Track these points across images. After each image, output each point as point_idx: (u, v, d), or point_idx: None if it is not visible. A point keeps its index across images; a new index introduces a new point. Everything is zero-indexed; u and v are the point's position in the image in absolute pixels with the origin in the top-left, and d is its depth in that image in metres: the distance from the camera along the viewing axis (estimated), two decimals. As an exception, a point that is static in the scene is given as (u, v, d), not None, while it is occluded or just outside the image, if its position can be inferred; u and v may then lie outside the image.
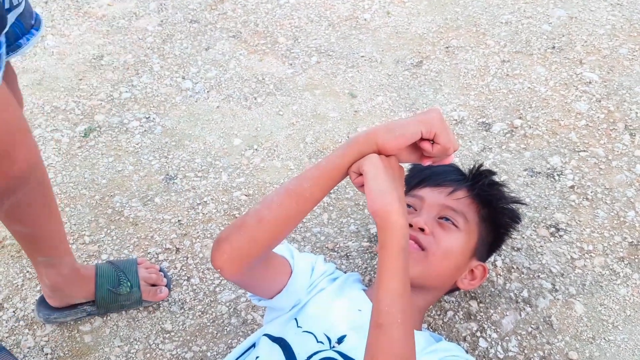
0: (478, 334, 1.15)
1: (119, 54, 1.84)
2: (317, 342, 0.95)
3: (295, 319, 1.00)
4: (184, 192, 1.44)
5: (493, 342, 1.14)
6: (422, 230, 1.02)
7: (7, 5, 0.65)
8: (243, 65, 1.78)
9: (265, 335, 0.99)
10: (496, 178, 1.14)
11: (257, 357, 0.95)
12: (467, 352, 1.11)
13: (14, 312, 1.24)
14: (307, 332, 0.97)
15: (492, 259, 1.23)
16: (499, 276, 1.24)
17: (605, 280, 1.21)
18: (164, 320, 1.21)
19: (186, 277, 1.28)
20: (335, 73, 1.73)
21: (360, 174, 0.83)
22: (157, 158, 1.53)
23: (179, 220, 1.38)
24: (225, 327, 1.19)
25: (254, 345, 1.04)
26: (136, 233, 1.37)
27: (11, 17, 0.77)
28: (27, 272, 1.31)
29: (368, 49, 1.81)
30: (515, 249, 1.28)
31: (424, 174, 1.14)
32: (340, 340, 0.96)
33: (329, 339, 0.96)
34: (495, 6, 1.94)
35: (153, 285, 1.24)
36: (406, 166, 1.05)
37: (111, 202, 1.43)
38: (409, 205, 1.08)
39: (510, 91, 1.65)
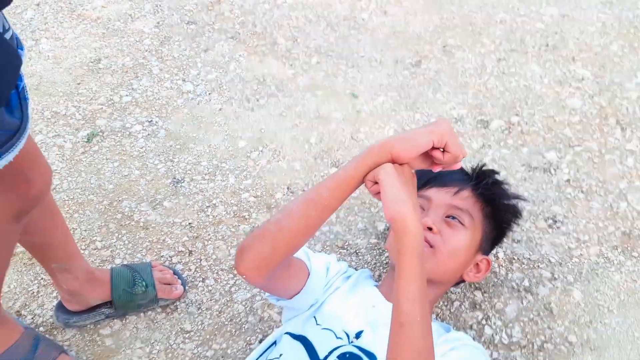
0: (483, 322, 1.28)
1: (116, 57, 1.93)
2: (337, 338, 1.07)
3: (314, 317, 1.12)
4: (192, 195, 1.55)
5: (498, 329, 1.27)
6: (430, 229, 1.14)
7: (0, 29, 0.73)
8: (243, 67, 1.89)
9: (286, 333, 1.11)
10: (498, 177, 1.27)
11: (280, 355, 1.07)
12: (474, 339, 1.24)
13: (32, 318, 1.34)
14: (326, 329, 1.09)
15: (494, 251, 1.36)
16: (501, 267, 1.37)
17: (600, 268, 1.35)
18: (183, 321, 1.32)
19: (201, 279, 1.39)
20: (336, 74, 1.85)
21: (376, 182, 0.93)
22: (163, 162, 1.63)
23: (189, 223, 1.49)
24: (243, 325, 1.31)
25: (274, 343, 1.16)
26: (148, 237, 1.47)
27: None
28: (42, 279, 1.40)
29: (367, 49, 1.93)
30: (516, 241, 1.41)
31: (430, 175, 1.26)
32: (358, 335, 1.08)
33: (347, 334, 1.08)
34: (489, 5, 2.08)
35: (167, 284, 1.34)
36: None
37: (120, 207, 1.53)
38: (417, 206, 1.21)
39: (506, 89, 1.78)
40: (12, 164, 0.77)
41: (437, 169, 1.01)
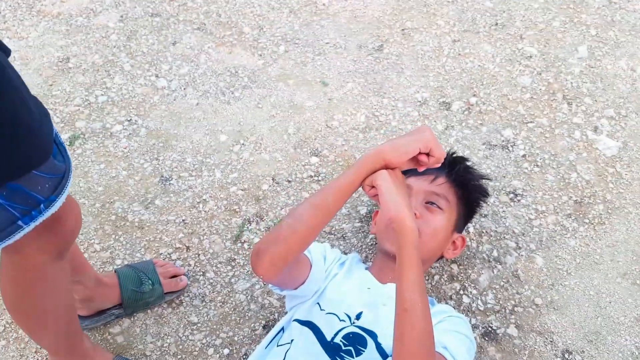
0: (461, 292, 1.40)
1: (84, 55, 1.88)
2: (340, 320, 1.16)
3: (318, 303, 1.20)
4: (182, 192, 1.57)
5: (474, 298, 1.39)
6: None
7: None
8: (214, 59, 1.88)
9: (295, 320, 1.19)
10: (467, 163, 1.37)
11: (292, 340, 1.15)
12: (454, 308, 1.36)
13: (43, 323, 1.36)
14: (330, 313, 1.18)
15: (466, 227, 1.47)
16: (472, 240, 1.48)
17: (557, 235, 1.49)
18: (189, 314, 1.38)
19: (201, 273, 1.44)
20: (305, 62, 1.87)
21: (373, 187, 1.05)
22: (149, 161, 1.63)
23: (183, 220, 1.52)
24: (246, 313, 1.38)
25: (282, 330, 1.23)
26: (144, 236, 1.49)
27: None
28: (47, 284, 1.41)
29: (331, 35, 1.95)
30: (483, 215, 1.53)
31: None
32: (358, 316, 1.18)
33: (348, 316, 1.17)
34: (441, -15, 2.12)
35: (172, 277, 1.39)
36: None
37: (113, 208, 1.54)
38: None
39: (463, 70, 1.86)
40: None
41: (422, 169, 1.13)
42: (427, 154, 1.08)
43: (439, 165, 1.11)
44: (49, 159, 0.76)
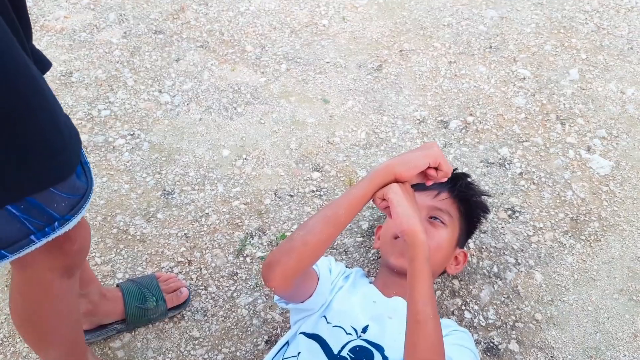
0: (463, 307, 1.37)
1: (88, 69, 1.84)
2: (347, 333, 1.12)
3: (324, 316, 1.16)
4: (184, 206, 1.53)
5: (475, 313, 1.36)
6: None
7: None
8: (217, 76, 1.85)
9: (301, 333, 1.14)
10: (469, 179, 1.35)
11: (299, 353, 1.10)
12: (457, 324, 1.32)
13: (42, 337, 1.29)
14: (336, 326, 1.14)
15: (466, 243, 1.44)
16: (472, 256, 1.45)
17: (555, 252, 1.46)
18: (191, 329, 1.32)
19: (203, 287, 1.39)
20: (306, 80, 1.85)
21: (384, 199, 1.02)
22: (151, 174, 1.59)
23: (185, 234, 1.47)
24: (248, 328, 1.32)
25: (287, 344, 1.19)
26: (146, 250, 1.44)
27: None
28: (47, 297, 1.35)
29: (332, 54, 1.94)
30: (483, 231, 1.50)
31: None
32: (364, 329, 1.14)
33: (355, 330, 1.13)
34: (436, 9, 2.13)
35: (173, 292, 1.34)
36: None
37: (114, 221, 1.49)
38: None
39: (459, 90, 1.85)
40: None
41: (430, 183, 1.11)
42: (436, 169, 1.06)
43: (447, 179, 1.10)
44: (68, 178, 0.74)
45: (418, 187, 1.30)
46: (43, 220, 0.74)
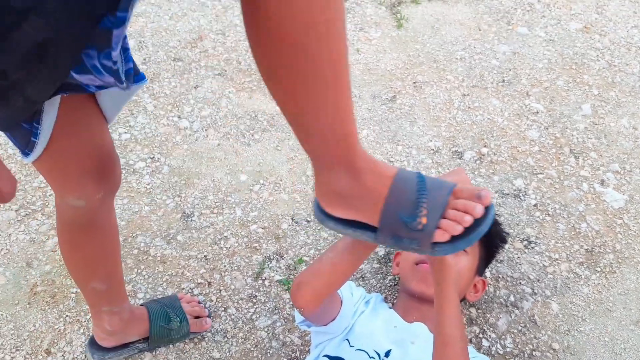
0: (480, 335, 1.43)
1: (108, 93, 1.94)
2: (370, 357, 1.18)
3: (347, 339, 1.22)
4: (203, 228, 1.60)
5: (493, 341, 1.42)
6: None
7: None
8: (234, 103, 1.95)
9: (324, 356, 1.20)
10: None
11: (322, 375, 1.16)
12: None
13: (62, 355, 1.35)
14: (359, 349, 1.20)
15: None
16: (489, 285, 1.52)
17: (571, 282, 1.54)
18: (211, 350, 1.38)
19: (223, 308, 1.45)
20: (323, 109, 1.95)
21: None
22: (171, 197, 1.67)
23: (204, 256, 1.54)
24: (268, 351, 1.38)
25: (309, 366, 1.25)
26: (166, 271, 1.51)
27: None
28: (67, 316, 1.41)
29: (348, 85, 2.04)
30: (499, 261, 1.57)
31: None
32: (387, 354, 1.20)
33: (378, 354, 1.19)
34: (449, 43, 2.25)
35: (197, 317, 1.40)
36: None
37: (135, 242, 1.56)
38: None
39: (473, 122, 1.96)
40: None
41: None
42: None
43: None
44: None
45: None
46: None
